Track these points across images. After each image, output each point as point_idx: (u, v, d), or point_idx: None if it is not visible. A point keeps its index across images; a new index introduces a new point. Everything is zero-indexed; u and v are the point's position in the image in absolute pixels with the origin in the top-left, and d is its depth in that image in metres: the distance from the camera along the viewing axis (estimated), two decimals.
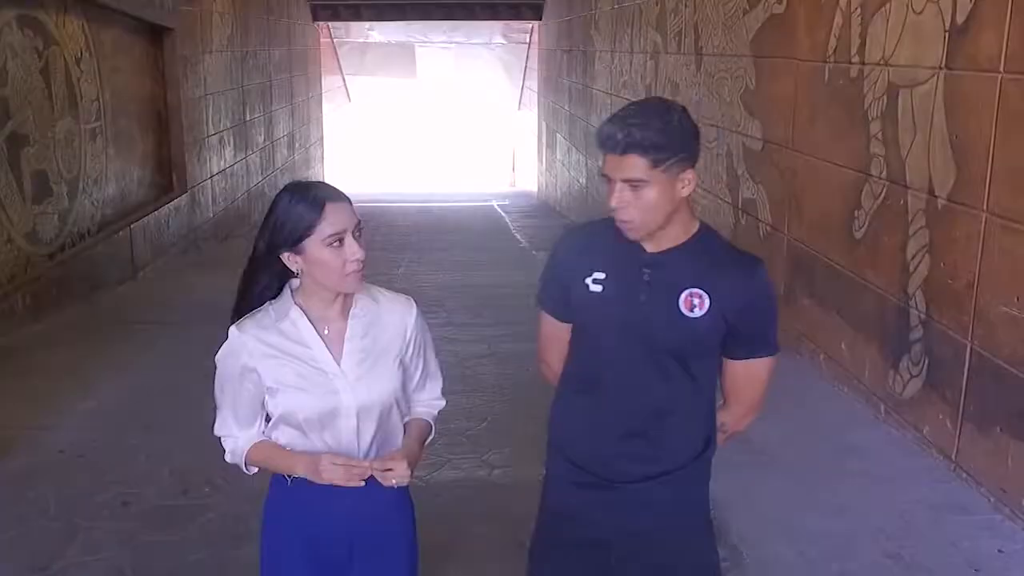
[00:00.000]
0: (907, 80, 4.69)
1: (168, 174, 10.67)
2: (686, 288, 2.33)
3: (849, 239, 5.34)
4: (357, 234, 2.31)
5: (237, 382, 2.38)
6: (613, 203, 2.30)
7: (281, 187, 2.39)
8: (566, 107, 15.75)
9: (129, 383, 5.82)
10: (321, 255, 2.28)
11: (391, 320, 2.45)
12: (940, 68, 4.40)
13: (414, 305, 2.51)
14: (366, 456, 2.40)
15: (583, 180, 14.12)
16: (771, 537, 3.90)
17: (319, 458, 2.31)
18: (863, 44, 5.13)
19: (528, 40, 21.56)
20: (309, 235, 2.27)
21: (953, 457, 4.37)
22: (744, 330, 2.39)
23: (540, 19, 18.95)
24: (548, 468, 2.65)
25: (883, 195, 4.95)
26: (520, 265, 10.53)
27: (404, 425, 2.53)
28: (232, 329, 2.38)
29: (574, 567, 2.59)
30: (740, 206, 7.19)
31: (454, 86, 24.74)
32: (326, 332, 2.39)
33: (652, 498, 2.46)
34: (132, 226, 9.17)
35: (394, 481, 2.32)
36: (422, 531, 3.95)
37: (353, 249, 2.29)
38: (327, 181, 2.54)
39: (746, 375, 2.49)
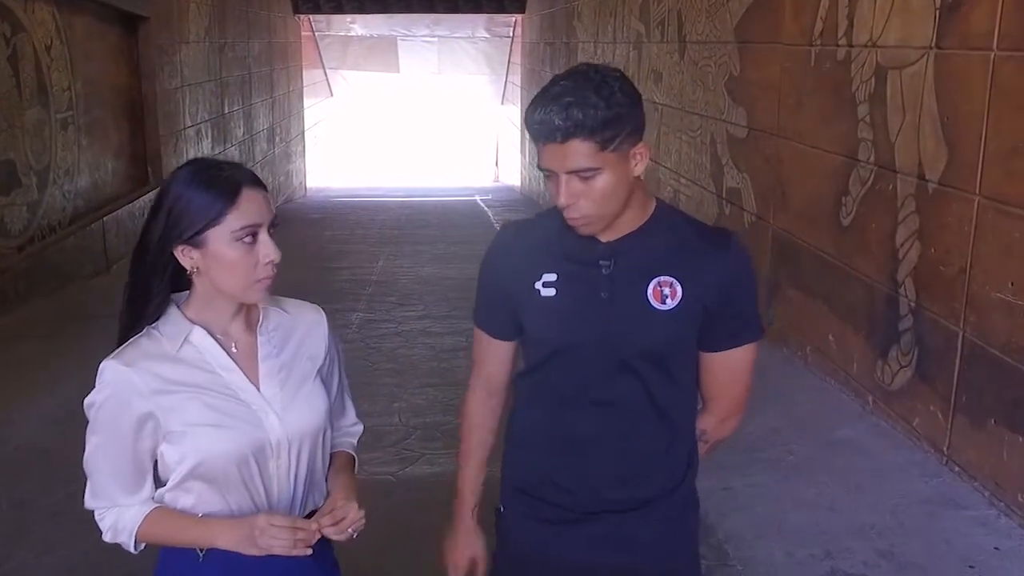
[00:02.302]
0: (896, 61, 4.54)
1: (143, 166, 10.47)
2: (653, 277, 2.01)
3: (836, 227, 5.19)
4: (272, 231, 1.88)
5: (126, 434, 1.85)
6: (562, 201, 1.94)
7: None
8: None
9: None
10: (227, 252, 1.83)
11: (306, 331, 2.06)
12: (930, 48, 4.25)
13: (323, 311, 2.13)
14: (300, 502, 2.00)
15: None
16: (758, 536, 3.75)
17: (253, 521, 1.84)
18: (850, 26, 4.98)
19: (511, 34, 21.42)
20: (216, 224, 1.81)
21: (945, 450, 4.22)
22: (724, 315, 2.06)
23: (523, 12, 18.81)
24: (504, 507, 2.26)
25: (871, 180, 4.80)
26: None
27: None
28: (109, 363, 1.85)
29: None
30: (724, 195, 7.04)
31: (437, 80, 24.54)
32: (234, 350, 1.94)
33: (636, 531, 2.11)
34: (105, 219, 8.97)
35: (351, 530, 1.92)
36: (395, 525, 3.82)
37: (268, 249, 1.85)
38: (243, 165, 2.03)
39: (729, 367, 2.15)
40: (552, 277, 2.04)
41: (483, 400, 2.28)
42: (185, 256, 1.85)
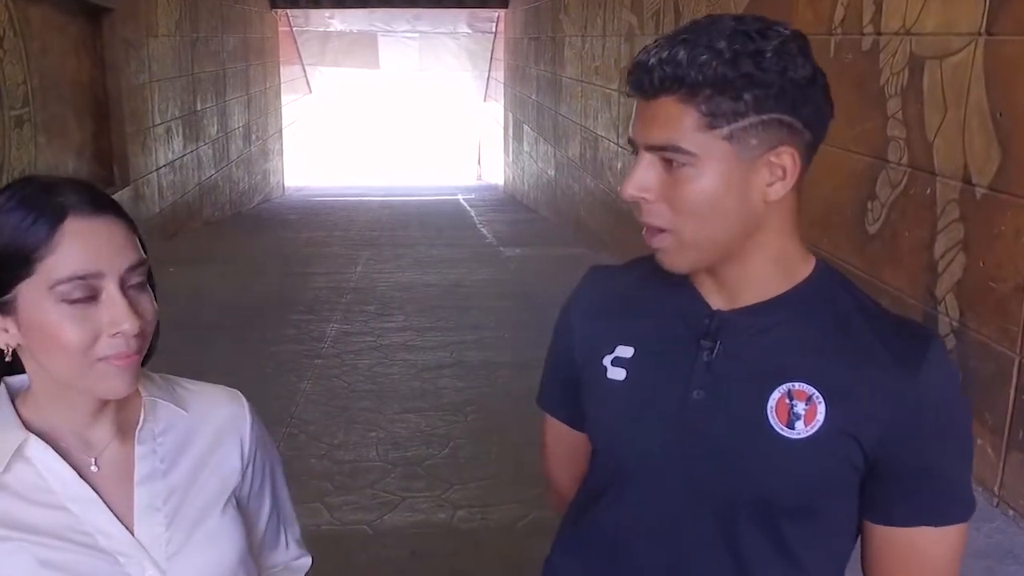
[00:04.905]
0: (935, 50, 4.05)
1: (108, 166, 9.92)
2: (783, 380, 1.22)
3: (861, 234, 4.69)
4: (137, 281, 1.21)
5: None
6: (629, 190, 1.20)
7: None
8: (533, 97, 15.12)
9: None
10: (45, 316, 1.15)
11: (215, 434, 1.36)
12: (979, 34, 3.76)
13: (245, 401, 1.42)
14: None
15: (552, 172, 13.48)
16: None
17: None
18: (878, 11, 4.49)
19: (494, 29, 20.97)
20: (27, 274, 1.15)
21: (996, 491, 3.73)
22: (903, 471, 1.23)
23: (506, 7, 18.41)
24: None
25: (904, 183, 4.30)
26: (486, 262, 9.91)
27: None
28: None
29: None
30: None
31: (418, 77, 24.09)
32: (94, 469, 1.24)
33: None
34: None
35: None
36: None
37: (116, 312, 1.16)
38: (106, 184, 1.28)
39: (910, 557, 1.27)
40: (628, 352, 1.30)
41: (564, 493, 1.54)
42: None
